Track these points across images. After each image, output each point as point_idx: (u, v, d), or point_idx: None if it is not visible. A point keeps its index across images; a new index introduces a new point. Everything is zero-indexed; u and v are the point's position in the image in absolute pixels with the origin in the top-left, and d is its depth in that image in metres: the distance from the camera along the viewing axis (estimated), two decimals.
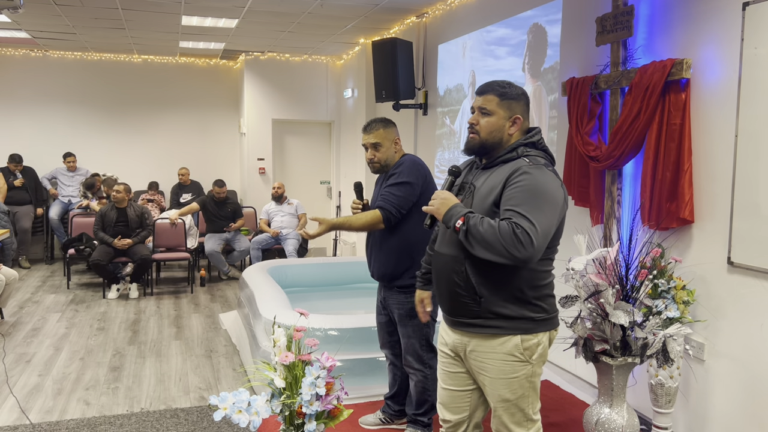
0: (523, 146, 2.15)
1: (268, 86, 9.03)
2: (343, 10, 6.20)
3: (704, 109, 3.13)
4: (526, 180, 2.02)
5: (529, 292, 2.10)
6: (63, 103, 8.95)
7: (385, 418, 3.42)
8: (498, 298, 2.10)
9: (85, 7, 6.14)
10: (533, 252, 1.93)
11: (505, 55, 5.09)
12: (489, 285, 2.10)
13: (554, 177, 2.08)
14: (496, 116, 2.16)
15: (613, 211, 3.67)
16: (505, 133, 2.17)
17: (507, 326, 2.10)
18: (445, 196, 2.11)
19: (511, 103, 2.17)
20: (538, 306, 2.13)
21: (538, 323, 2.13)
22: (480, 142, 2.18)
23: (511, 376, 2.13)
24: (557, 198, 2.04)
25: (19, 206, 7.87)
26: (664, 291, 2.97)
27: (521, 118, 2.18)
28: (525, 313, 2.10)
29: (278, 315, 3.81)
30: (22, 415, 3.62)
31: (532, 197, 1.98)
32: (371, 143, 3.08)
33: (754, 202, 2.83)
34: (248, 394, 2.16)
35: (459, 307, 2.17)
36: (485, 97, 2.18)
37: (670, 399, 3.09)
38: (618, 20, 3.56)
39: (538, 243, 1.93)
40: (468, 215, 2.02)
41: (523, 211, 1.96)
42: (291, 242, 7.45)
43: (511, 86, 2.19)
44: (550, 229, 2.01)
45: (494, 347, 2.12)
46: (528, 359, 2.12)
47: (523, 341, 2.10)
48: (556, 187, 2.05)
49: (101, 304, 6.24)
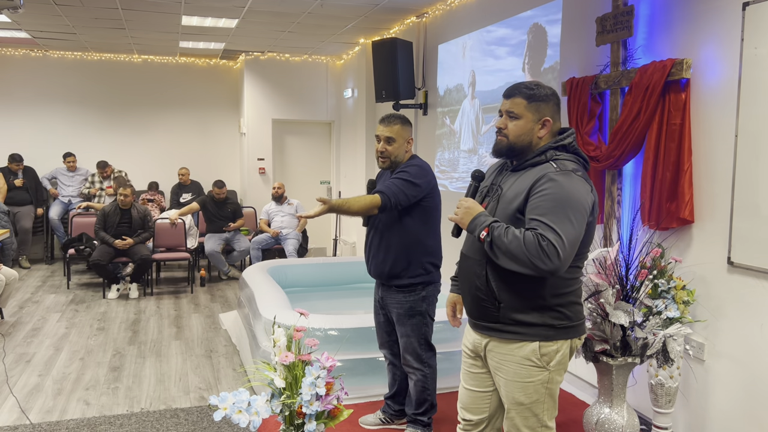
0: (553, 149, 2.09)
1: (268, 86, 9.03)
2: (343, 10, 6.20)
3: (704, 109, 3.13)
4: (552, 188, 1.96)
5: (551, 300, 2.06)
6: (63, 103, 8.96)
7: (385, 418, 3.42)
8: (518, 304, 2.06)
9: (85, 7, 6.15)
10: (559, 264, 1.90)
11: (505, 55, 5.09)
12: (510, 291, 2.06)
13: (582, 183, 2.01)
14: (524, 119, 2.10)
15: (613, 211, 3.67)
16: (534, 136, 2.11)
17: (526, 332, 2.07)
18: (469, 205, 2.08)
19: (539, 105, 2.10)
20: (560, 313, 2.07)
21: (558, 330, 2.08)
22: (508, 145, 2.12)
23: (527, 380, 2.09)
24: (584, 205, 1.98)
25: (19, 206, 7.88)
26: (664, 291, 2.97)
27: (551, 120, 2.10)
28: (546, 320, 2.06)
29: (278, 315, 3.81)
30: (22, 415, 3.62)
31: (558, 206, 1.93)
32: (386, 136, 3.04)
33: (754, 202, 2.83)
34: (248, 394, 2.16)
35: (480, 311, 2.15)
36: (513, 100, 2.12)
37: (670, 399, 3.09)
38: (618, 20, 3.56)
39: (565, 255, 1.90)
40: (492, 225, 1.98)
41: (549, 222, 1.91)
42: (291, 242, 7.45)
43: (539, 87, 2.12)
44: (577, 238, 1.95)
45: (512, 350, 2.10)
46: (545, 365, 2.08)
47: (541, 347, 2.06)
48: (584, 193, 1.98)
49: (101, 304, 6.24)
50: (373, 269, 3.15)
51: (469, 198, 2.16)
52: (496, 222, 2.00)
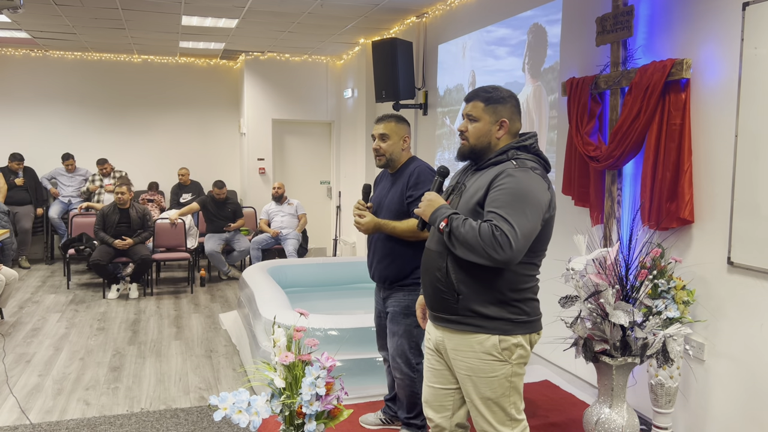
0: (515, 149, 2.17)
1: (268, 86, 9.03)
2: (343, 10, 6.20)
3: (704, 109, 3.13)
4: (510, 183, 2.04)
5: (509, 294, 2.12)
6: (63, 103, 8.96)
7: (385, 419, 3.42)
8: (477, 297, 2.12)
9: (85, 7, 6.15)
10: (512, 255, 1.96)
11: (505, 55, 5.09)
12: (469, 283, 2.13)
13: (540, 180, 2.08)
14: (482, 121, 2.20)
15: (613, 211, 3.67)
16: (493, 137, 2.21)
17: (485, 325, 2.12)
18: (431, 198, 2.18)
19: (496, 107, 2.20)
20: (518, 308, 2.14)
21: (516, 325, 2.14)
22: (469, 147, 2.24)
23: (491, 375, 2.14)
24: (540, 201, 2.05)
25: (19, 206, 7.88)
26: (664, 291, 2.97)
27: (507, 122, 2.20)
28: (504, 315, 2.12)
29: (278, 315, 3.81)
30: (22, 415, 3.62)
31: (514, 200, 2.00)
32: (379, 133, 3.06)
33: (754, 202, 2.83)
34: (248, 394, 2.16)
35: (439, 303, 2.20)
36: (472, 103, 2.23)
37: (670, 399, 3.09)
38: (618, 20, 3.56)
39: (517, 246, 1.96)
40: (451, 217, 2.06)
41: (504, 214, 1.98)
42: (291, 242, 7.45)
43: (496, 90, 2.22)
44: (531, 232, 2.02)
45: (472, 346, 2.14)
46: (507, 359, 2.13)
47: (501, 341, 2.12)
48: (540, 190, 2.06)
49: (101, 304, 6.24)
50: (377, 274, 3.13)
51: (433, 192, 2.25)
52: (456, 214, 2.07)
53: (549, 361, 4.47)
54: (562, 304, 2.93)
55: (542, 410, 3.65)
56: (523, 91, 4.86)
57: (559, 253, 4.30)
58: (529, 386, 4.00)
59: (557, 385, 4.01)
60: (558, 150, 4.35)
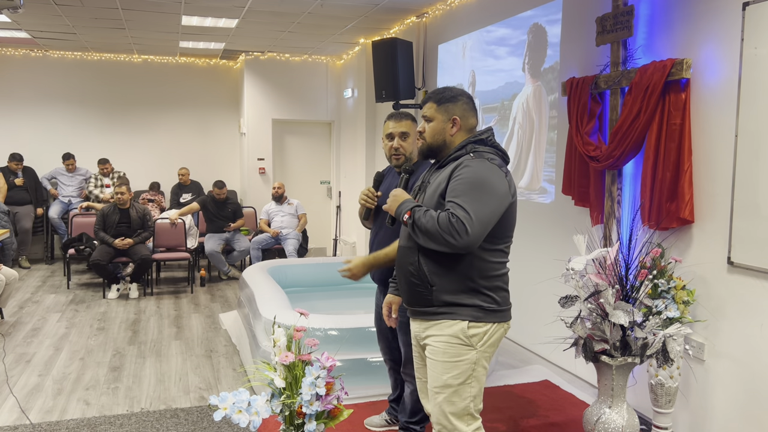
0: (472, 143, 2.28)
1: (268, 86, 9.03)
2: (343, 10, 6.20)
3: (704, 109, 3.13)
4: (466, 172, 2.14)
5: (480, 281, 2.20)
6: (63, 103, 8.95)
7: (390, 419, 3.42)
8: (449, 286, 2.20)
9: (85, 7, 6.15)
10: (469, 240, 2.04)
11: (505, 55, 5.09)
12: (440, 274, 2.20)
13: (496, 169, 2.17)
14: (436, 121, 2.33)
15: (613, 211, 3.67)
16: (447, 134, 2.32)
17: (457, 312, 2.20)
18: (397, 194, 2.28)
19: (447, 106, 2.32)
20: (489, 296, 2.22)
21: (487, 313, 2.21)
22: (427, 145, 2.35)
23: (456, 359, 2.20)
24: (497, 188, 2.13)
25: (19, 206, 7.88)
26: (664, 291, 2.97)
27: (459, 119, 2.31)
28: (475, 302, 2.20)
29: (278, 315, 3.81)
30: (22, 415, 3.62)
31: (470, 188, 2.10)
32: (401, 131, 2.96)
33: (754, 202, 2.83)
34: (248, 394, 2.16)
35: (414, 296, 2.27)
36: (426, 105, 2.37)
37: (670, 399, 3.09)
38: (618, 20, 3.56)
39: (473, 230, 2.04)
40: (414, 209, 2.16)
41: (461, 202, 2.07)
42: (291, 242, 7.45)
43: (447, 90, 2.35)
44: (488, 218, 2.09)
45: (442, 329, 2.22)
46: (473, 345, 2.20)
47: (470, 327, 2.19)
48: (496, 178, 2.14)
49: (101, 304, 6.24)
50: (378, 276, 3.08)
51: (399, 188, 2.38)
52: (419, 206, 2.18)
53: (549, 361, 4.47)
54: (562, 304, 2.93)
55: (542, 410, 3.65)
56: (523, 91, 4.86)
57: (559, 253, 4.30)
58: (529, 386, 4.00)
59: (557, 385, 4.01)
60: (558, 150, 4.35)
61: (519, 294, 4.86)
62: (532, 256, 4.65)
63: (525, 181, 4.82)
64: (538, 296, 4.56)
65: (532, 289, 4.65)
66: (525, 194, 4.82)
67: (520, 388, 3.98)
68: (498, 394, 3.87)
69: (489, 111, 5.35)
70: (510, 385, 4.03)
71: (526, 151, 4.81)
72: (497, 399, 3.79)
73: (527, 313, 4.73)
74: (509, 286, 2.32)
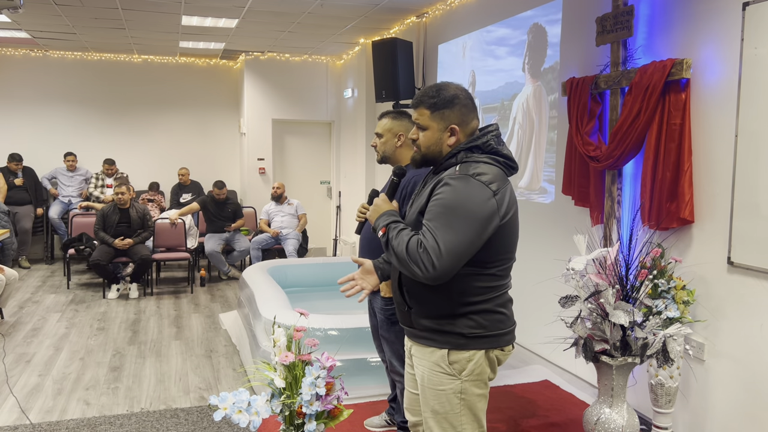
0: (465, 151, 1.99)
1: (268, 86, 9.03)
2: (343, 10, 6.20)
3: (704, 109, 3.13)
4: (444, 193, 1.88)
5: (461, 308, 1.96)
6: (63, 102, 8.95)
7: (390, 420, 3.42)
8: (426, 311, 2.01)
9: (85, 7, 6.15)
10: (435, 274, 1.83)
11: (505, 55, 5.09)
12: (418, 296, 2.02)
13: (480, 188, 1.88)
14: (430, 130, 2.03)
15: (613, 211, 3.67)
16: (444, 144, 2.02)
17: (436, 339, 2.00)
18: (379, 203, 2.07)
19: (443, 112, 2.01)
20: (472, 321, 1.97)
21: (470, 339, 1.97)
22: (421, 155, 2.08)
23: (439, 388, 2.02)
24: (475, 213, 1.85)
25: (19, 206, 7.88)
26: (664, 291, 2.97)
27: (458, 128, 2.01)
28: (455, 329, 1.97)
29: (278, 315, 3.81)
30: (22, 415, 3.62)
31: (444, 212, 1.86)
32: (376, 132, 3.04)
33: (754, 202, 2.83)
34: (248, 394, 2.16)
35: (400, 315, 2.13)
36: (418, 111, 2.05)
37: (670, 399, 3.09)
38: (618, 20, 3.56)
39: (441, 264, 1.82)
40: (390, 225, 1.95)
41: (433, 227, 1.85)
42: (291, 242, 7.45)
43: (441, 92, 2.03)
44: (460, 248, 1.84)
45: (425, 355, 2.04)
46: (456, 374, 1.99)
47: (450, 354, 1.98)
48: (477, 201, 1.86)
49: (101, 304, 6.24)
50: None
51: (383, 195, 2.13)
52: (395, 223, 1.96)
53: (549, 361, 4.47)
54: (562, 304, 2.93)
55: (542, 410, 3.64)
56: (523, 91, 4.86)
57: (559, 253, 4.30)
58: (529, 386, 4.00)
59: (557, 385, 4.01)
60: (558, 150, 4.35)
61: (519, 294, 4.86)
62: (532, 256, 4.65)
63: (525, 181, 4.82)
64: (538, 296, 4.56)
65: (532, 289, 4.65)
66: (525, 194, 4.82)
67: (520, 388, 3.98)
68: (498, 394, 3.87)
69: (489, 111, 5.35)
70: (510, 385, 4.03)
71: (526, 151, 4.81)
72: (497, 399, 3.79)
73: (527, 313, 4.73)
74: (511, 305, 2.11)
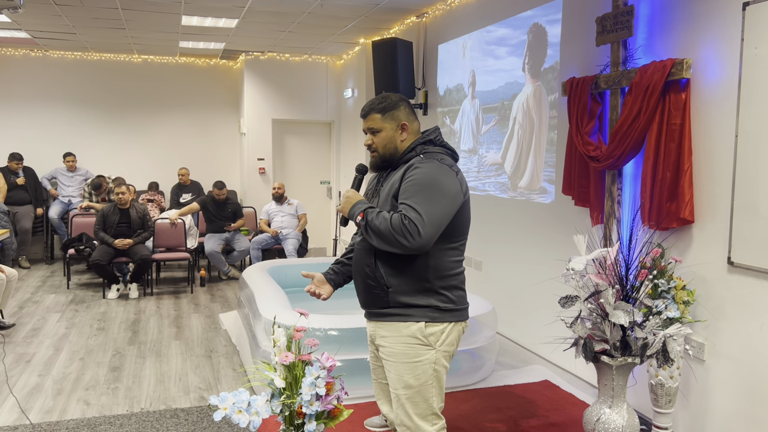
0: (421, 145, 2.31)
1: (268, 86, 9.03)
2: (343, 10, 6.20)
3: (704, 109, 3.13)
4: (417, 174, 2.15)
5: (436, 282, 2.22)
6: (63, 103, 8.95)
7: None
8: (405, 288, 2.22)
9: (85, 7, 6.14)
10: (421, 241, 2.06)
11: (505, 55, 5.09)
12: (397, 276, 2.23)
13: (447, 169, 2.18)
14: (384, 131, 2.33)
15: (613, 211, 3.67)
16: (397, 141, 2.33)
17: (413, 313, 2.22)
18: (349, 195, 2.28)
19: (393, 113, 2.33)
20: (445, 296, 2.24)
21: (444, 312, 2.23)
22: (380, 157, 2.36)
23: (415, 360, 2.22)
24: (449, 188, 2.14)
25: (19, 206, 7.87)
26: (664, 291, 2.97)
27: (407, 123, 2.33)
28: (431, 302, 2.22)
29: (278, 315, 3.81)
30: (22, 415, 3.62)
31: (421, 189, 2.11)
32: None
33: (754, 202, 2.83)
34: (248, 394, 2.16)
35: (371, 298, 2.30)
36: (369, 117, 2.34)
37: (670, 399, 3.09)
38: (618, 20, 3.56)
39: (426, 232, 2.06)
40: (367, 210, 2.17)
41: (413, 203, 2.09)
42: (291, 242, 7.45)
43: (386, 99, 2.35)
44: (440, 218, 2.11)
45: (400, 330, 2.24)
46: (432, 344, 2.22)
47: (427, 326, 2.22)
48: (447, 178, 2.16)
49: (101, 304, 6.24)
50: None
51: (351, 189, 2.35)
52: (372, 208, 2.19)
53: (549, 361, 4.47)
54: (562, 304, 2.93)
55: (542, 410, 3.64)
56: (523, 91, 4.86)
57: (559, 253, 4.30)
58: (529, 386, 4.00)
59: (557, 385, 4.01)
60: (558, 150, 4.35)
61: (519, 294, 4.86)
62: (532, 256, 4.65)
63: (525, 181, 4.82)
64: (538, 296, 4.56)
65: (532, 289, 4.65)
66: (525, 194, 4.82)
67: (520, 388, 3.98)
68: (498, 394, 3.87)
69: (489, 111, 5.35)
70: (510, 385, 4.03)
71: (526, 151, 4.81)
72: (497, 399, 3.79)
73: (527, 313, 4.73)
74: (465, 285, 2.36)
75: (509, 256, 5.03)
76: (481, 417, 3.54)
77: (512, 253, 4.99)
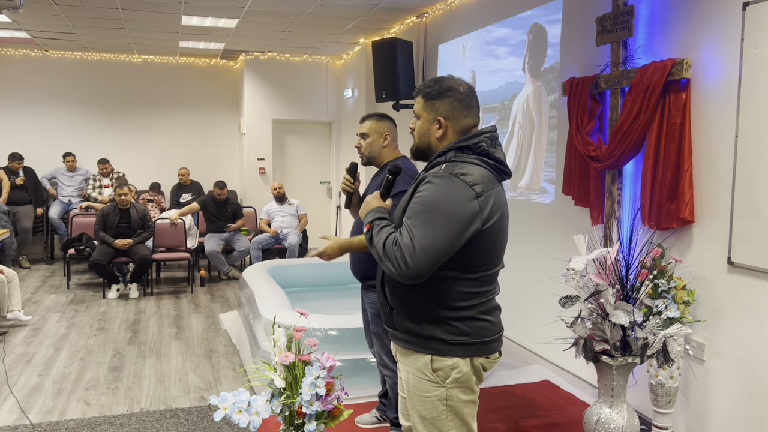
0: (455, 150, 1.92)
1: (268, 86, 9.03)
2: (343, 10, 6.20)
3: (704, 109, 3.13)
4: (426, 190, 1.83)
5: (443, 313, 1.89)
6: (63, 103, 8.95)
7: (380, 416, 3.42)
8: (408, 313, 1.94)
9: (85, 7, 6.14)
10: (409, 272, 1.78)
11: (505, 55, 5.09)
12: (400, 298, 1.96)
13: (464, 188, 1.81)
14: (422, 119, 1.99)
15: (613, 211, 3.67)
16: (432, 137, 1.98)
17: (417, 343, 1.94)
18: (369, 201, 2.04)
19: (434, 103, 1.96)
20: (454, 327, 1.90)
21: (452, 346, 1.90)
22: (415, 146, 2.04)
23: (424, 395, 1.95)
24: (456, 212, 1.79)
25: (19, 206, 7.87)
26: (664, 291, 2.97)
27: (444, 120, 1.95)
28: (436, 334, 1.90)
29: (278, 315, 3.81)
30: (22, 415, 3.62)
31: (423, 210, 1.80)
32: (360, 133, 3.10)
33: (754, 202, 2.83)
34: (248, 394, 2.16)
35: (383, 314, 2.08)
36: (416, 99, 2.02)
37: (670, 399, 3.09)
38: (618, 20, 3.56)
39: (414, 262, 1.76)
40: (374, 223, 1.92)
41: (410, 225, 1.80)
42: (291, 238, 7.47)
43: (438, 83, 1.97)
44: (435, 247, 1.78)
45: (409, 361, 1.98)
46: (440, 381, 1.92)
47: (434, 361, 1.91)
48: (459, 199, 1.80)
49: (101, 304, 6.24)
50: (352, 268, 3.13)
51: (376, 193, 2.09)
52: (379, 220, 1.93)
53: (549, 361, 4.47)
54: (562, 304, 2.93)
55: (542, 410, 3.64)
56: (523, 91, 4.86)
57: (559, 253, 4.30)
58: (529, 386, 4.00)
59: (557, 385, 4.01)
60: (558, 150, 4.35)
61: (519, 294, 4.86)
62: (532, 256, 4.65)
63: (525, 181, 4.82)
64: (538, 296, 4.56)
65: (532, 289, 4.65)
66: (525, 194, 4.82)
67: (520, 388, 3.98)
68: (498, 394, 3.87)
69: (489, 111, 5.35)
70: (510, 385, 4.03)
71: (526, 151, 4.81)
72: (497, 399, 3.79)
73: (527, 313, 4.73)
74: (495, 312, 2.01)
75: (509, 256, 5.02)
76: (481, 417, 3.54)
77: (512, 253, 4.99)
